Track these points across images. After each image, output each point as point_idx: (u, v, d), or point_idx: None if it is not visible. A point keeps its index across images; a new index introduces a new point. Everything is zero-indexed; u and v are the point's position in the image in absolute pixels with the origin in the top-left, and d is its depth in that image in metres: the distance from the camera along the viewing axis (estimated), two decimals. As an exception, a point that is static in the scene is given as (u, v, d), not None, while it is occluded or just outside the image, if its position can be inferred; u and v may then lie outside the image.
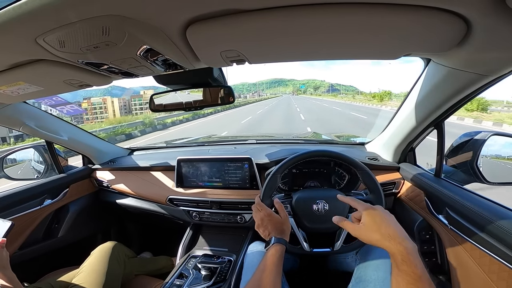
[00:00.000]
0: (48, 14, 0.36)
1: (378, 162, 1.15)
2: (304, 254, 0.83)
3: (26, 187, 1.16)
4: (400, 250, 0.47)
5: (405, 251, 0.46)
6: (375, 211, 0.55)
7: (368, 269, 0.76)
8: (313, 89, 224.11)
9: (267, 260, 0.61)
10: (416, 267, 0.45)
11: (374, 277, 0.72)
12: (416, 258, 0.46)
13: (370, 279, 0.73)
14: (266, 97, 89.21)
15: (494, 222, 0.63)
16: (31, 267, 1.15)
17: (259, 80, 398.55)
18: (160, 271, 1.23)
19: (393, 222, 0.53)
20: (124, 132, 10.72)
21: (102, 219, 1.52)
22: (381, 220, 0.52)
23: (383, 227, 0.51)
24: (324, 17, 0.41)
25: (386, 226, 0.51)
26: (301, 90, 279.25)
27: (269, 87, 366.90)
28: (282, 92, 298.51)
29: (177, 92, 0.91)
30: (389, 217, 0.54)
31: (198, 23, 0.42)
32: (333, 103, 34.17)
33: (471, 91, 0.66)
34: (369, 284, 0.71)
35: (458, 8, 0.38)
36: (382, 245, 0.50)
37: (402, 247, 0.47)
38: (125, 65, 0.55)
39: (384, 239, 0.49)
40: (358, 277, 0.77)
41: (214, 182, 1.19)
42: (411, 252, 0.46)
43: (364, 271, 0.77)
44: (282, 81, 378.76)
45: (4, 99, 0.80)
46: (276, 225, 0.71)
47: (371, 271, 0.75)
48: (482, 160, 0.80)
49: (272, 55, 0.57)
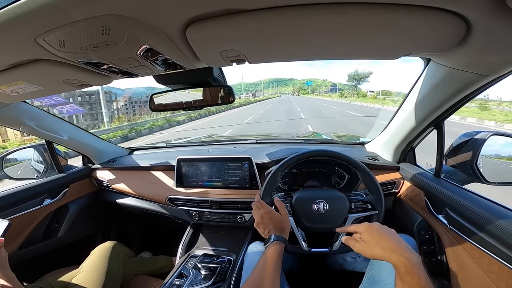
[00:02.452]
0: (48, 14, 0.36)
1: (378, 162, 1.15)
2: (302, 253, 0.83)
3: (26, 187, 1.16)
4: (402, 261, 0.47)
5: (408, 263, 0.47)
6: (372, 227, 0.58)
7: (383, 270, 0.73)
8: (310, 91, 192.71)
9: (267, 258, 0.61)
10: (420, 278, 0.45)
11: (391, 279, 0.69)
12: (421, 270, 0.46)
13: (386, 281, 0.70)
14: (262, 98, 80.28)
15: (494, 222, 0.63)
16: (31, 266, 1.15)
17: (258, 80, 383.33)
18: (159, 271, 1.23)
19: (392, 235, 0.55)
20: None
21: (102, 219, 1.52)
22: (380, 235, 0.55)
23: (382, 241, 0.53)
24: (324, 17, 0.41)
25: (385, 239, 0.53)
26: (306, 88, 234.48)
27: (268, 87, 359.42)
28: (281, 92, 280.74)
29: (177, 92, 0.91)
30: (388, 231, 0.56)
31: (198, 22, 0.42)
32: (358, 108, 20.00)
33: (471, 91, 0.66)
34: (384, 287, 0.69)
35: (458, 8, 0.38)
36: (385, 258, 0.51)
37: (404, 259, 0.48)
38: (125, 65, 0.55)
39: (385, 252, 0.51)
40: (372, 277, 0.74)
41: (214, 181, 1.19)
42: (414, 263, 0.47)
43: (378, 271, 0.74)
44: (281, 80, 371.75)
45: (4, 99, 0.80)
46: (276, 223, 0.71)
47: (387, 273, 0.71)
48: (482, 160, 0.80)
49: (272, 55, 0.57)
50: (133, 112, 62.87)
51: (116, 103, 60.95)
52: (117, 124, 12.14)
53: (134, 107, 69.65)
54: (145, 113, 17.91)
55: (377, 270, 0.75)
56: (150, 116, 14.36)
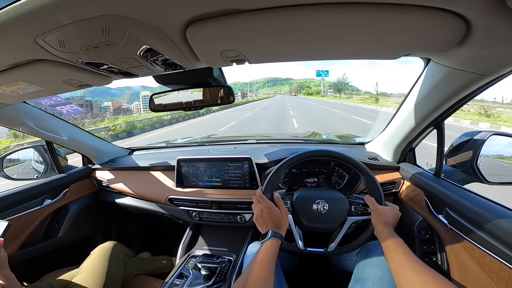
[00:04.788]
0: (48, 14, 0.36)
1: (378, 162, 1.15)
2: (297, 252, 0.83)
3: (26, 187, 1.16)
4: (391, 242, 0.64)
5: (394, 243, 0.63)
6: (382, 210, 0.76)
7: (367, 267, 0.77)
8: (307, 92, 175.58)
9: (262, 254, 0.62)
10: (404, 253, 0.59)
11: (373, 275, 0.73)
12: (405, 247, 0.61)
13: (368, 277, 0.73)
14: (250, 100, 64.76)
15: (494, 222, 0.63)
16: (31, 267, 1.15)
17: (253, 79, 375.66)
18: (160, 271, 1.23)
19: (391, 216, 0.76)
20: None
21: (102, 219, 1.52)
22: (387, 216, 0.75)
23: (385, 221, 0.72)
24: (324, 17, 0.41)
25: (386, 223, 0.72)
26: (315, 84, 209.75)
27: (263, 86, 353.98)
28: (276, 92, 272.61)
29: (177, 92, 0.91)
30: (387, 216, 0.75)
31: (198, 23, 0.42)
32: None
33: (471, 91, 0.66)
34: (367, 282, 0.72)
35: (458, 8, 0.38)
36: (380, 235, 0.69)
37: (390, 240, 0.64)
38: (125, 65, 0.55)
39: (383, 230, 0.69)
40: (357, 276, 0.78)
41: (214, 182, 1.19)
42: (399, 244, 0.62)
43: (362, 269, 0.78)
44: (277, 80, 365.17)
45: (4, 99, 0.80)
46: (274, 219, 0.73)
47: (370, 269, 0.75)
48: (482, 160, 0.80)
49: (272, 54, 0.57)
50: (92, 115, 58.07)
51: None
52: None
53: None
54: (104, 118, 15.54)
55: (361, 269, 0.78)
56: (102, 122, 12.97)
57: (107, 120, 14.35)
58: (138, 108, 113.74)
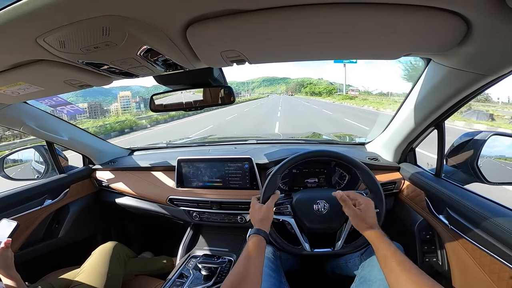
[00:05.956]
0: (48, 14, 0.36)
1: (378, 162, 1.15)
2: (304, 254, 0.83)
3: (27, 187, 1.16)
4: (376, 236, 0.62)
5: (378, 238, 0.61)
6: (371, 203, 0.69)
7: (373, 269, 0.76)
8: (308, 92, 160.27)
9: (247, 252, 0.61)
10: (389, 245, 0.58)
11: (380, 277, 0.72)
12: (387, 242, 0.59)
13: (375, 279, 0.72)
14: (245, 99, 56.36)
15: (495, 222, 0.63)
16: (32, 267, 1.15)
17: (249, 79, 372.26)
18: (160, 271, 1.23)
19: (374, 215, 0.68)
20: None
21: (102, 219, 1.52)
22: (371, 213, 0.67)
23: (369, 218, 0.66)
24: (324, 17, 0.41)
25: (371, 218, 0.66)
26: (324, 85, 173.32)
27: (260, 86, 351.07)
28: (272, 92, 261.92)
29: (177, 92, 0.91)
30: (373, 212, 0.68)
31: (198, 23, 0.42)
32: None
33: (471, 91, 0.66)
34: (374, 284, 0.71)
35: (458, 8, 0.38)
36: (364, 231, 0.65)
37: (376, 235, 0.62)
38: (125, 65, 0.55)
39: (368, 227, 0.64)
40: (363, 277, 0.77)
41: (214, 182, 1.19)
42: (382, 239, 0.61)
43: (369, 271, 0.77)
44: (274, 79, 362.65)
45: (4, 99, 0.80)
46: (254, 214, 0.74)
47: (377, 271, 0.74)
48: (482, 160, 0.80)
49: (272, 55, 0.57)
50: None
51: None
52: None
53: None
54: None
55: (368, 271, 0.78)
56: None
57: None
58: (116, 109, 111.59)
